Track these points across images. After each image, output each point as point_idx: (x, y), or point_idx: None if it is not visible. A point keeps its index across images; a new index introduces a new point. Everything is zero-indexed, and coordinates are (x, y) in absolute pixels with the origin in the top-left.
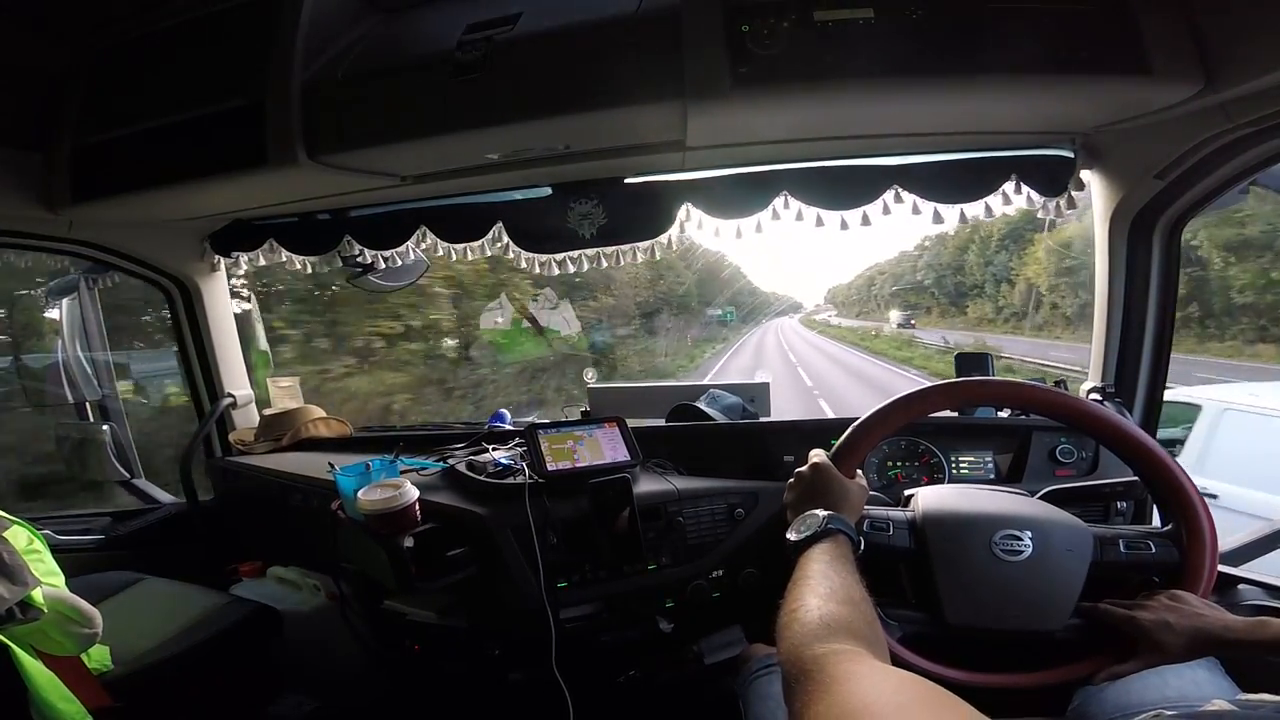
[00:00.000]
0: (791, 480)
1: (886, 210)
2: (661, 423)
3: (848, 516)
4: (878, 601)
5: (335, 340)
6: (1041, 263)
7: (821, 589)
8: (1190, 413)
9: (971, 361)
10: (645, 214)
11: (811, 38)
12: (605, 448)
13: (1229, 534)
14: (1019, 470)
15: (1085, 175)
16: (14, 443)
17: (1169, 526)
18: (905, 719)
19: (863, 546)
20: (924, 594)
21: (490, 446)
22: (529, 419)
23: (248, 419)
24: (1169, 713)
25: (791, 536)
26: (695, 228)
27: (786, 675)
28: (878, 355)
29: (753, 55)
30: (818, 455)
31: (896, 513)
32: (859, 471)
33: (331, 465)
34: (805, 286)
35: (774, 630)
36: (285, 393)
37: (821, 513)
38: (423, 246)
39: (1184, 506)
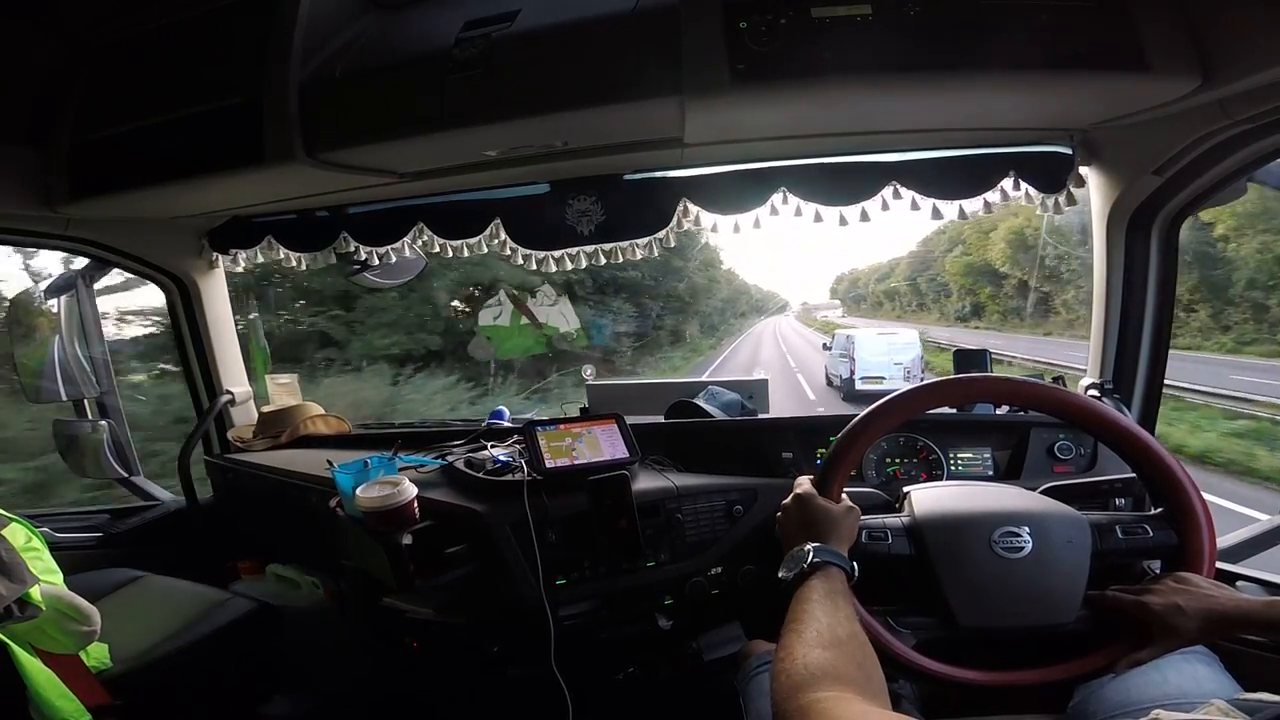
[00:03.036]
0: (779, 514)
1: (885, 206)
2: (660, 420)
3: (838, 545)
4: (888, 610)
5: None
6: None
7: (808, 634)
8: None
9: (969, 358)
10: (644, 210)
11: (809, 34)
12: (604, 445)
13: None
14: (1018, 466)
15: (1084, 171)
16: None
17: (1160, 509)
18: None
19: (857, 573)
20: (932, 599)
21: (489, 444)
22: (527, 416)
23: (247, 416)
24: (1165, 716)
25: (781, 574)
26: (694, 224)
27: None
28: None
29: (751, 52)
30: (801, 485)
31: (893, 519)
32: (845, 498)
33: (330, 462)
34: (798, 280)
35: (773, 627)
36: (284, 390)
37: (809, 546)
38: (420, 243)
39: (1179, 498)
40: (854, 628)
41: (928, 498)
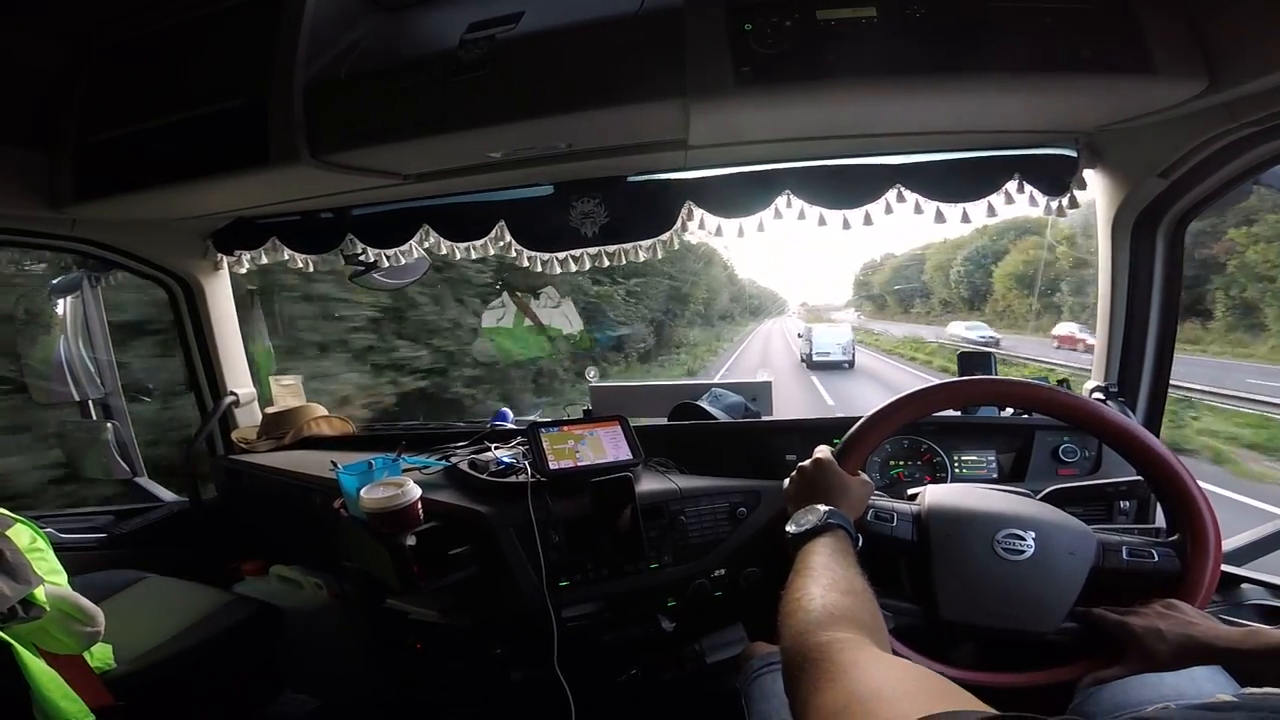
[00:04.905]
0: (794, 474)
1: (889, 210)
2: (663, 421)
3: (848, 513)
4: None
5: None
6: None
7: (824, 579)
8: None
9: (974, 360)
10: (647, 213)
11: (814, 36)
12: (607, 446)
13: None
14: (1022, 469)
15: (1088, 174)
16: None
17: (1175, 536)
18: (914, 705)
19: (861, 542)
20: (920, 587)
21: (492, 445)
22: (531, 417)
23: (251, 417)
24: (1176, 705)
25: (790, 529)
26: (697, 226)
27: (789, 663)
28: None
29: (755, 54)
30: (822, 450)
31: (902, 505)
32: (861, 472)
33: (334, 464)
34: (797, 278)
35: (776, 629)
36: (288, 391)
37: (822, 507)
38: (425, 245)
39: (1187, 504)
40: (865, 584)
41: (941, 492)
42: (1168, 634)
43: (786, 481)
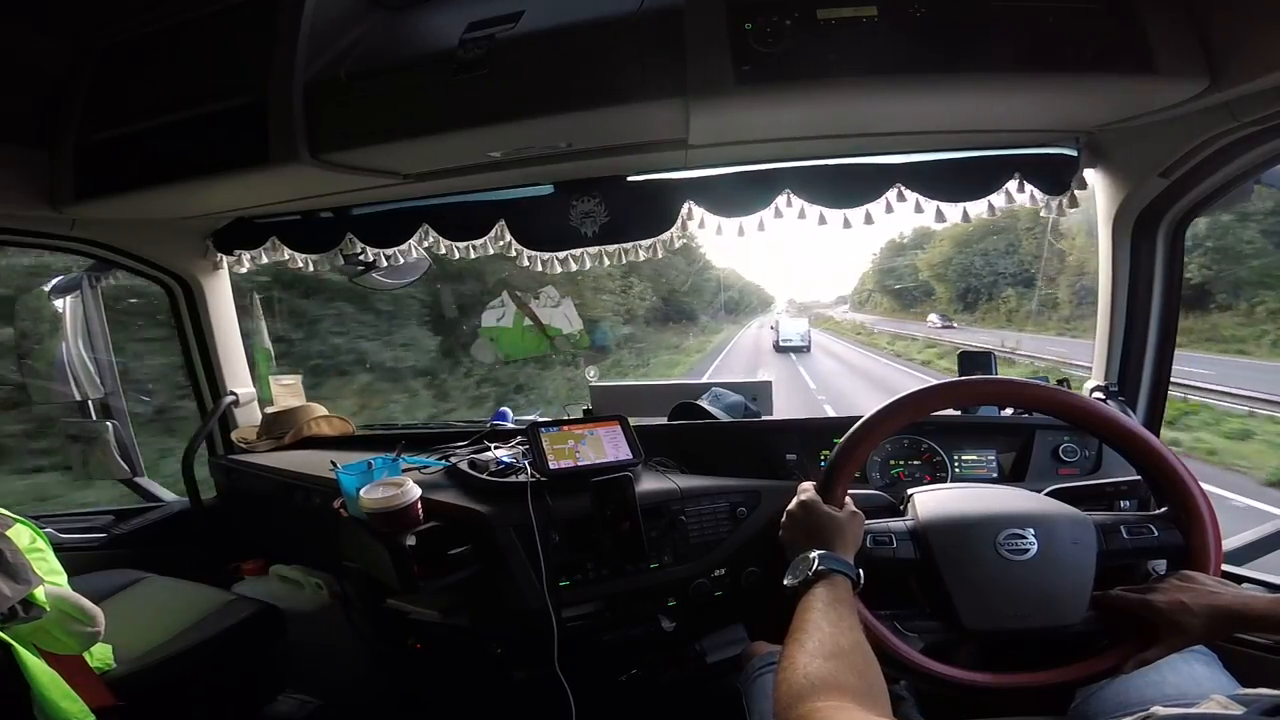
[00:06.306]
0: (783, 519)
1: (889, 209)
2: (663, 421)
3: (843, 551)
4: (894, 614)
5: None
6: None
7: (810, 644)
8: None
9: (974, 360)
10: (647, 212)
11: (814, 36)
12: (607, 446)
13: None
14: (1022, 469)
15: (1089, 173)
16: None
17: (1164, 509)
18: None
19: (863, 578)
20: (938, 602)
21: (492, 445)
22: (531, 417)
23: (251, 417)
24: (1161, 712)
25: (786, 581)
26: (698, 226)
27: None
28: None
29: (755, 53)
30: (805, 490)
31: (897, 523)
32: (849, 502)
33: (334, 463)
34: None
35: (776, 628)
36: (287, 391)
37: (814, 554)
38: (425, 245)
39: (1172, 480)
40: (857, 636)
41: (932, 500)
42: (1193, 606)
43: (781, 530)
